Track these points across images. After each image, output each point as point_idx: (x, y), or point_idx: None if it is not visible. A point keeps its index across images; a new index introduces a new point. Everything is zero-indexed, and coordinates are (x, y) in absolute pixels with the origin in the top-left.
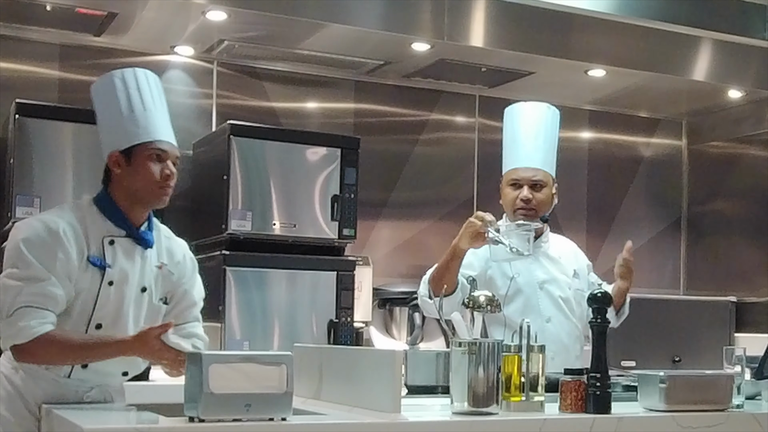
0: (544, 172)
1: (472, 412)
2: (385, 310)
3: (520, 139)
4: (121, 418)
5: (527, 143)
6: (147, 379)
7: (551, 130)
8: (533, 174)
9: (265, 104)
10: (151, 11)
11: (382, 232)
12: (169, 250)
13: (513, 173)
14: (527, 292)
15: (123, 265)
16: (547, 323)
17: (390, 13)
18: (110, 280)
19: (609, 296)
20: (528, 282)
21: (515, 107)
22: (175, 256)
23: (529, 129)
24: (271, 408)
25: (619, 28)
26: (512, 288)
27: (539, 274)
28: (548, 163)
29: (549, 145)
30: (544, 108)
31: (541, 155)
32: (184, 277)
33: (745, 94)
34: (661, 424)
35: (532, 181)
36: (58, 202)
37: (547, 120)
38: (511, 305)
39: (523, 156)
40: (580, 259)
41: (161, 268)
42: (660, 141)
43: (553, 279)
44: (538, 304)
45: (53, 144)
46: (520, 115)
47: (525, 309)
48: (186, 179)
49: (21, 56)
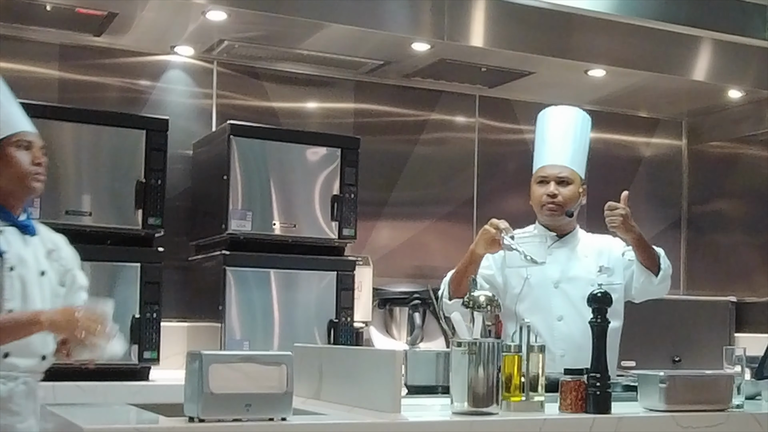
0: (570, 170)
1: (472, 412)
2: (385, 310)
3: (549, 138)
4: (121, 418)
5: (556, 142)
6: (147, 379)
7: (581, 132)
8: (560, 171)
9: (265, 104)
10: (151, 11)
11: (382, 232)
12: (51, 238)
13: (541, 171)
14: (539, 291)
15: (18, 250)
16: (559, 321)
17: (390, 13)
18: (10, 266)
19: (609, 296)
20: (541, 281)
21: (548, 110)
22: (57, 242)
23: (558, 129)
24: (271, 408)
25: (619, 28)
26: (525, 286)
27: (554, 273)
28: (576, 162)
29: (578, 146)
30: (575, 111)
31: (569, 154)
32: (69, 263)
33: (745, 94)
34: (661, 424)
35: (558, 177)
36: (58, 202)
37: (577, 122)
38: (522, 303)
39: (550, 154)
40: (614, 252)
41: (51, 253)
42: (660, 141)
43: (571, 278)
44: (550, 303)
45: (53, 144)
46: (552, 117)
47: (535, 307)
48: (186, 179)
49: (21, 56)
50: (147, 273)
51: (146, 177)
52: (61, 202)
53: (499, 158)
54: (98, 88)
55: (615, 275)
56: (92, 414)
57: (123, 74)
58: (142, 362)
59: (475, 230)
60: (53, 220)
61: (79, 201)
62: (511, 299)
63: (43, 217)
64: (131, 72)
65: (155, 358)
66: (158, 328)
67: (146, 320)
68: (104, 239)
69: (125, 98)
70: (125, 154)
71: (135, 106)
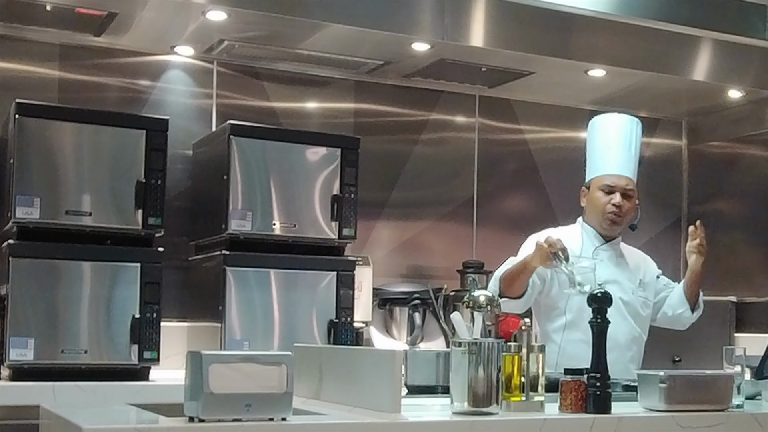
0: (634, 182)
1: (472, 412)
2: (385, 310)
3: (614, 147)
4: (121, 418)
5: (622, 153)
6: (147, 379)
7: (639, 144)
8: (627, 183)
9: (265, 104)
10: (151, 11)
11: (382, 232)
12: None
13: (606, 179)
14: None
15: None
16: None
17: (390, 13)
18: None
19: (609, 296)
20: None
21: (609, 117)
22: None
23: (623, 139)
24: (271, 408)
25: (619, 28)
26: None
27: (602, 274)
28: (636, 174)
29: (637, 158)
30: (636, 122)
31: (633, 166)
32: None
33: (745, 94)
34: (661, 424)
35: (624, 189)
36: (58, 202)
37: (637, 133)
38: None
39: (617, 164)
40: (650, 270)
41: None
42: (660, 141)
43: (616, 281)
44: None
45: (53, 144)
46: (614, 125)
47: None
48: (186, 179)
49: (21, 56)
50: (147, 273)
51: (146, 177)
52: (61, 202)
53: (499, 158)
54: (98, 88)
55: (648, 292)
56: (92, 414)
57: (123, 74)
58: (142, 362)
59: (475, 230)
60: (53, 220)
61: (79, 201)
62: (557, 293)
63: (43, 217)
64: (131, 72)
65: (155, 358)
66: (158, 328)
67: (146, 320)
68: (104, 239)
69: (125, 98)
70: (125, 154)
71: (135, 106)
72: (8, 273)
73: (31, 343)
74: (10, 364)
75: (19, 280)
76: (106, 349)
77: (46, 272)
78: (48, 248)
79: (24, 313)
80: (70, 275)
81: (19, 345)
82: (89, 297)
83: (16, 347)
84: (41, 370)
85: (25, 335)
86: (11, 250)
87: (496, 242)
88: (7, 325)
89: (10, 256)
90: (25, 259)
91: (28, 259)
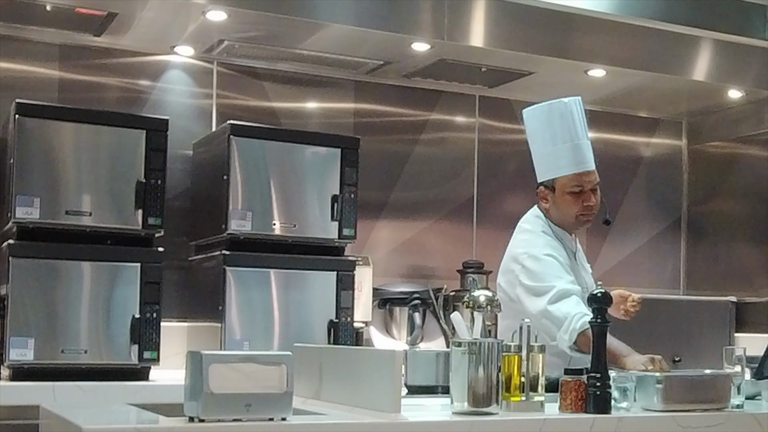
0: (596, 173)
1: (472, 412)
2: (385, 310)
3: (571, 140)
4: (121, 418)
5: (582, 144)
6: (147, 379)
7: (586, 125)
8: (594, 177)
9: (265, 104)
10: (151, 11)
11: (382, 232)
12: None
13: (576, 179)
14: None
15: None
16: None
17: (390, 13)
18: None
19: (609, 296)
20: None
21: (553, 105)
22: None
23: (576, 128)
24: (271, 408)
25: (619, 28)
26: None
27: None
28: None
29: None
30: (577, 100)
31: (592, 155)
32: None
33: (745, 94)
34: (661, 424)
35: (593, 185)
36: (58, 202)
37: (582, 113)
38: None
39: (580, 159)
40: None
41: None
42: (660, 141)
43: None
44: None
45: (53, 144)
46: (558, 114)
47: None
48: (186, 179)
49: (21, 56)
50: (147, 273)
51: (146, 177)
52: (61, 202)
53: (499, 158)
54: (98, 88)
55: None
56: (92, 414)
57: (123, 74)
58: (142, 362)
59: (475, 230)
60: (53, 220)
61: (79, 201)
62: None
63: (43, 217)
64: (131, 72)
65: (155, 358)
66: (158, 328)
67: (146, 320)
68: (104, 239)
69: (125, 98)
70: (125, 154)
71: (135, 106)
72: (8, 273)
73: (31, 343)
74: (10, 364)
75: (19, 280)
76: (106, 349)
77: (46, 272)
78: (48, 248)
79: (24, 313)
80: (70, 275)
81: (19, 345)
82: (89, 297)
83: (16, 347)
84: (41, 370)
85: (25, 335)
86: (11, 250)
87: (496, 242)
88: (7, 325)
89: (10, 256)
90: (25, 259)
91: (28, 259)
